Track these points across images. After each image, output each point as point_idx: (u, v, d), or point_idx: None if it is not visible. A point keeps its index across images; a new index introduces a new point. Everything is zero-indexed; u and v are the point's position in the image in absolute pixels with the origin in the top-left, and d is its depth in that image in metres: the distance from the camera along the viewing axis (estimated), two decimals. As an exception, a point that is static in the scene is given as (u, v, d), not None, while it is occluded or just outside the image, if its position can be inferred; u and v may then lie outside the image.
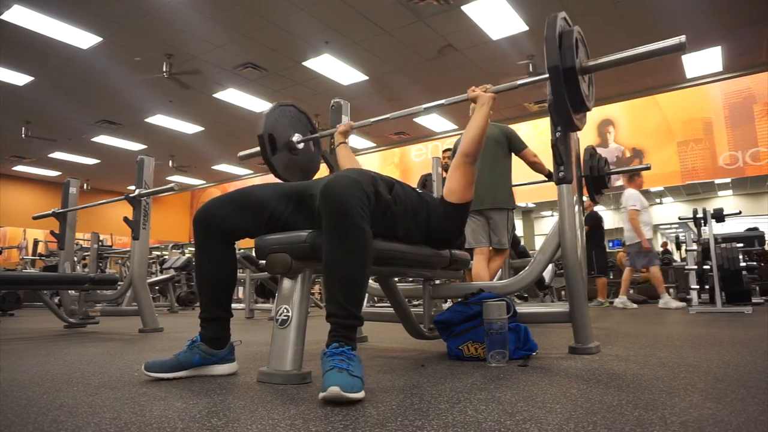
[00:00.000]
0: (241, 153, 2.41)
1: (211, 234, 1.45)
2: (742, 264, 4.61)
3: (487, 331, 1.56)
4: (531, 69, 7.05)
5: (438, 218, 1.67)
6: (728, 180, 12.03)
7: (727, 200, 14.14)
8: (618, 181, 9.57)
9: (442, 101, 1.92)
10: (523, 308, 1.91)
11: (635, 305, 5.54)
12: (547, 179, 3.34)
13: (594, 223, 5.82)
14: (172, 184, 3.10)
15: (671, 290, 7.47)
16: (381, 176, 1.52)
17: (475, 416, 0.93)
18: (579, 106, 1.68)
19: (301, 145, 2.11)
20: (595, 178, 3.34)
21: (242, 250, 5.42)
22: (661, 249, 10.09)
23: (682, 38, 1.50)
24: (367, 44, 6.47)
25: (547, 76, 1.63)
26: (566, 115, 1.68)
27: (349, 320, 1.22)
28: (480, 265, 3.20)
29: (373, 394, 1.14)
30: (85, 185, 12.52)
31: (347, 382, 1.05)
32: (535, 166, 3.28)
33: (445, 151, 4.05)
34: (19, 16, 5.56)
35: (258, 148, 2.03)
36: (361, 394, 1.07)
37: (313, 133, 2.18)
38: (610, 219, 16.69)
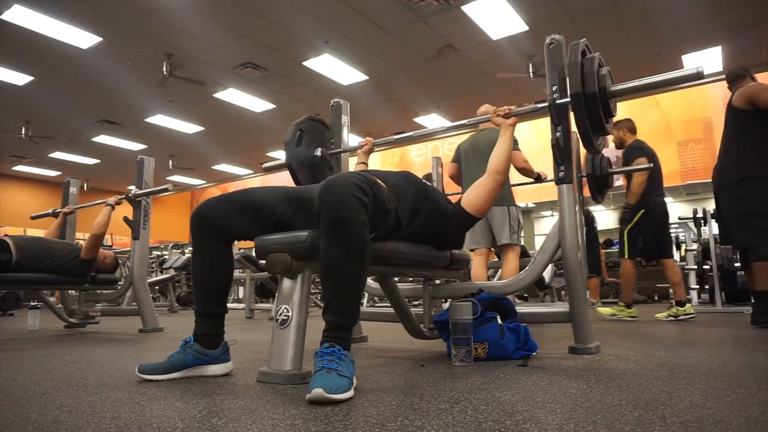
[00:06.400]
0: (266, 165, 2.64)
1: (207, 233, 1.45)
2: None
3: (453, 331, 1.57)
4: (531, 69, 7.05)
5: (444, 222, 1.69)
6: (728, 180, 12.01)
7: (727, 200, 14.11)
8: (618, 181, 9.57)
9: (464, 121, 2.14)
10: (523, 308, 1.91)
11: None
12: (535, 182, 3.33)
13: (586, 222, 5.78)
14: (167, 185, 3.12)
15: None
16: (382, 177, 1.52)
17: (475, 416, 0.93)
18: (599, 129, 1.75)
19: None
20: (598, 177, 3.34)
21: (242, 250, 5.42)
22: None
23: (700, 67, 1.54)
24: (367, 44, 6.47)
25: (568, 99, 1.71)
26: (587, 139, 1.74)
27: (344, 320, 1.23)
28: (479, 266, 3.20)
29: (373, 394, 1.14)
30: (85, 185, 12.51)
31: (333, 383, 1.06)
32: (524, 171, 3.24)
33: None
34: (19, 16, 5.56)
35: (280, 161, 2.19)
36: (347, 395, 1.07)
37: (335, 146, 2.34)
38: (610, 219, 16.72)
